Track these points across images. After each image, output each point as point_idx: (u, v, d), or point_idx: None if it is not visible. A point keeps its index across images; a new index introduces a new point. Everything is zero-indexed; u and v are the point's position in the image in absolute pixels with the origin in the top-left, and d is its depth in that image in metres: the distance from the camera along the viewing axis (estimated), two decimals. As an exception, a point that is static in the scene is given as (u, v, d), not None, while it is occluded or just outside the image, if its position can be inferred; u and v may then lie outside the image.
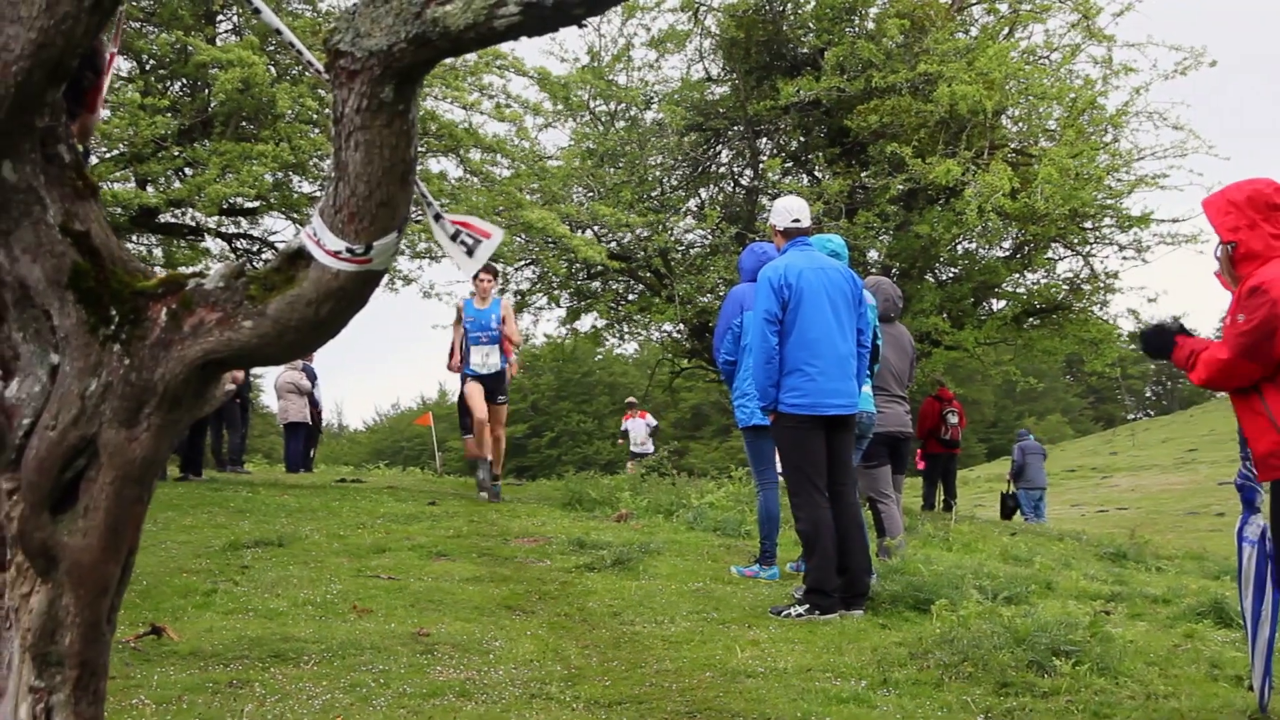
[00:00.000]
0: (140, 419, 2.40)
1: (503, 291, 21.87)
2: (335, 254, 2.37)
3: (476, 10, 2.17)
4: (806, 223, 8.85)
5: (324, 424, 24.87)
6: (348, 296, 2.43)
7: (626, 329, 24.90)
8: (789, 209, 8.85)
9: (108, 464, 2.39)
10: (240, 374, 16.13)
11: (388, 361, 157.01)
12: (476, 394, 14.63)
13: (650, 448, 28.68)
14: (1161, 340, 5.97)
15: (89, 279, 2.37)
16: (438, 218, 2.65)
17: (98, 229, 2.41)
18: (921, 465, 22.68)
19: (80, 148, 2.65)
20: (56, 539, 2.40)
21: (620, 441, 31.14)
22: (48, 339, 2.40)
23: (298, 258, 2.43)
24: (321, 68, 2.38)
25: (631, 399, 31.77)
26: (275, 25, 2.62)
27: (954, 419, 21.57)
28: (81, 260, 2.37)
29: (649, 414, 31.72)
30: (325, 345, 2.23)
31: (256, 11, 2.59)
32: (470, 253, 2.66)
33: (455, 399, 16.05)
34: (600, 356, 68.99)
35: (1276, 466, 5.45)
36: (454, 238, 2.66)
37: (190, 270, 2.56)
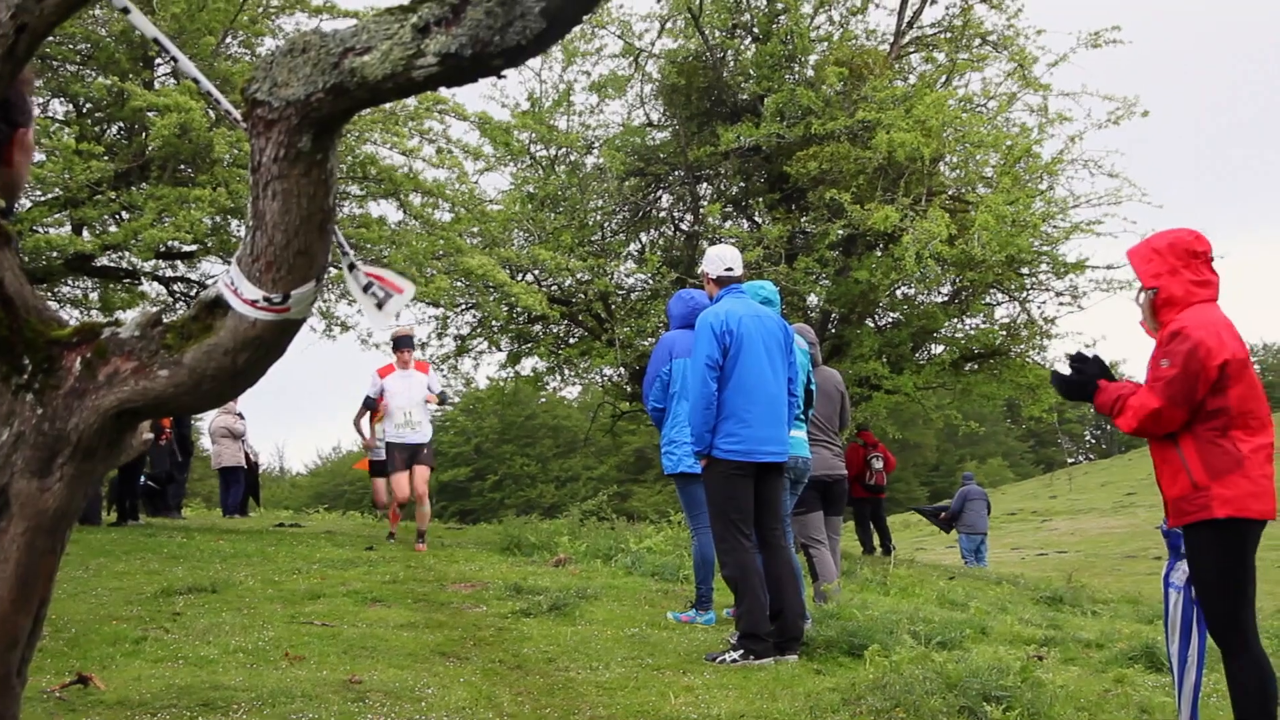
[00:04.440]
0: (53, 469, 2.38)
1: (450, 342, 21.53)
2: (253, 303, 2.36)
3: (395, 61, 2.17)
4: (739, 271, 8.92)
5: (259, 468, 24.67)
6: (265, 346, 2.41)
7: (568, 372, 24.91)
8: (722, 257, 8.92)
9: (19, 515, 2.36)
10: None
11: (328, 405, 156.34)
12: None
13: (426, 431, 15.22)
14: (1081, 383, 6.04)
15: (1, 328, 2.35)
16: (352, 268, 2.64)
17: (11, 278, 2.38)
18: None
19: (1, 204, 2.62)
20: (-34, 591, 2.36)
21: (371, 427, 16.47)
22: (-42, 388, 2.37)
23: (215, 306, 2.42)
24: (240, 116, 2.38)
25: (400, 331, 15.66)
26: (192, 74, 2.61)
27: (878, 464, 21.66)
28: (-7, 309, 2.35)
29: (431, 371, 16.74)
30: (251, 391, 2.19)
31: (174, 59, 2.58)
32: (380, 305, 2.65)
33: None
34: (543, 400, 69.03)
35: (1188, 512, 5.54)
36: (366, 289, 2.65)
37: (105, 319, 2.53)
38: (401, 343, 15.17)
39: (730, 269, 8.86)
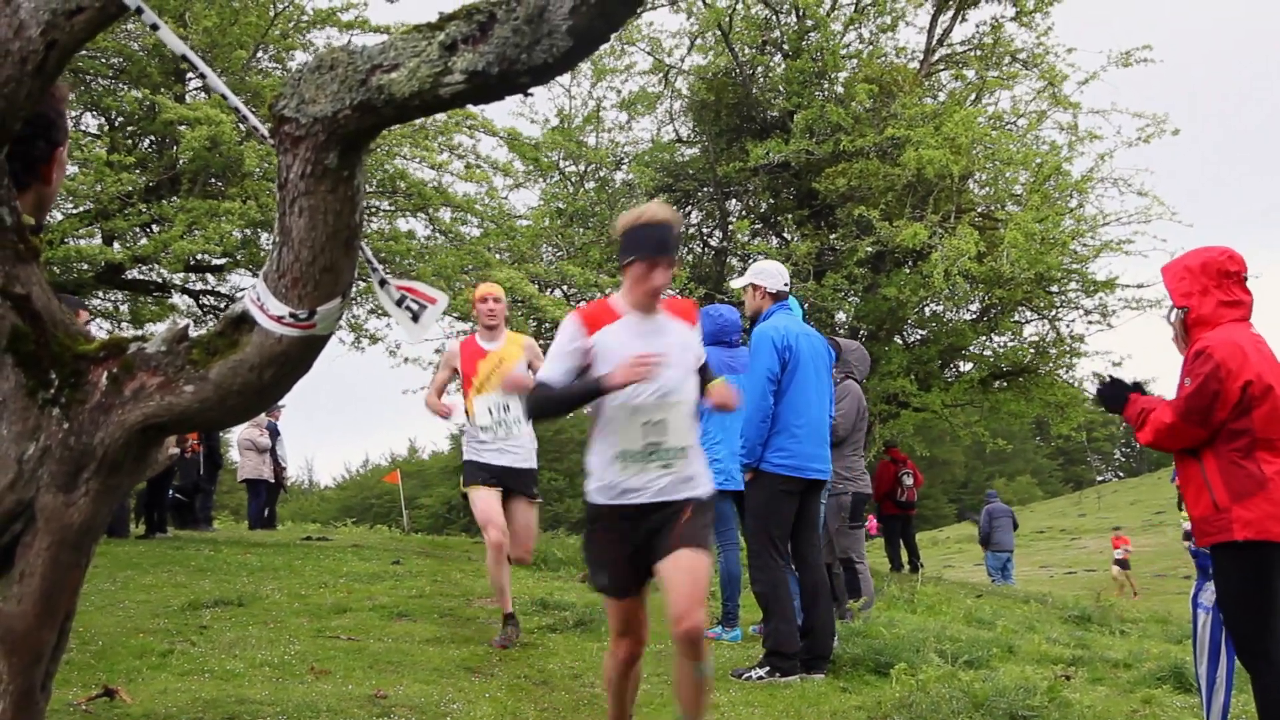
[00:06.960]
0: (79, 484, 2.38)
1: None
2: (278, 319, 2.36)
3: (422, 78, 2.17)
4: (788, 289, 8.96)
5: (288, 481, 24.69)
6: (291, 361, 2.42)
7: (596, 388, 24.84)
8: (781, 273, 8.91)
9: (44, 529, 2.36)
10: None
11: (358, 418, 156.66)
12: None
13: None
14: (1116, 394, 6.04)
15: (29, 342, 2.36)
16: (383, 283, 2.65)
17: (39, 292, 2.39)
18: (874, 529, 22.78)
19: (33, 221, 2.63)
20: (-10, 605, 2.37)
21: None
22: (-15, 402, 2.37)
23: (241, 322, 2.42)
24: (267, 132, 2.38)
25: None
26: (220, 90, 2.62)
27: (909, 480, 21.60)
28: (22, 324, 2.35)
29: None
30: (283, 403, 2.23)
31: (203, 76, 2.59)
32: (416, 318, 2.66)
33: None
34: (571, 415, 68.91)
35: (1209, 533, 5.50)
36: (399, 303, 2.65)
37: (132, 334, 2.54)
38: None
39: (786, 285, 8.89)
